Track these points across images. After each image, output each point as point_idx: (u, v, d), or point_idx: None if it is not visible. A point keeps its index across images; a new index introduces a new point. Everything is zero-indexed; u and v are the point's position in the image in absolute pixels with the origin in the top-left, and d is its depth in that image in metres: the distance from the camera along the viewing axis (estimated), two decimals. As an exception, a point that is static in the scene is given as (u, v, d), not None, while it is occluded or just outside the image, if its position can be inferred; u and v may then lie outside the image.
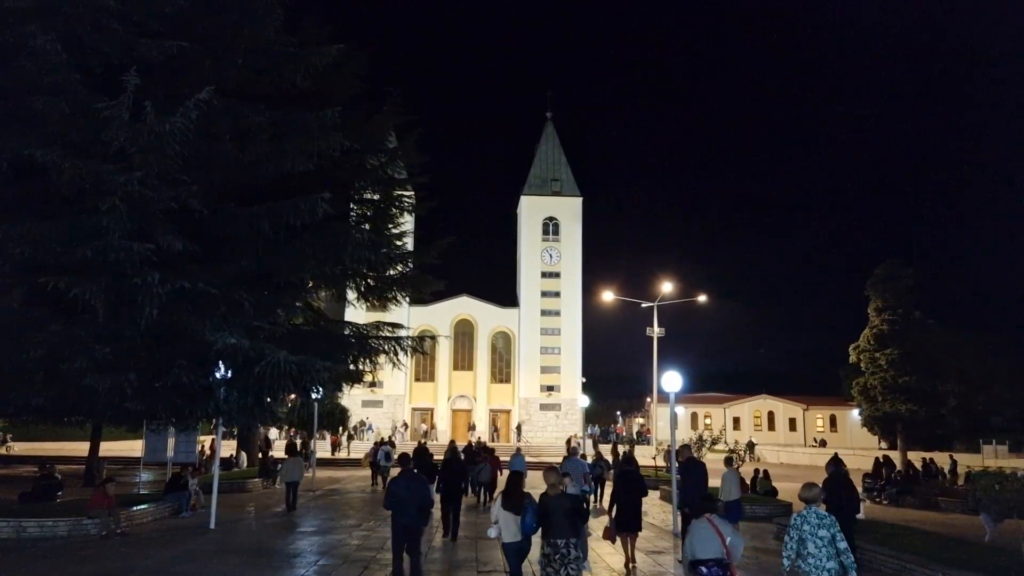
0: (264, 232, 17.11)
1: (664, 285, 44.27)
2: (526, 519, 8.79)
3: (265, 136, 17.31)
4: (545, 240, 61.58)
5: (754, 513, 18.69)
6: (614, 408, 77.62)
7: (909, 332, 41.50)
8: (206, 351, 15.57)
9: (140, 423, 20.32)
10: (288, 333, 18.96)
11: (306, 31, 21.51)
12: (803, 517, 7.48)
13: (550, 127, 64.92)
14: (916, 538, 14.24)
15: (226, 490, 22.20)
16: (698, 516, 8.03)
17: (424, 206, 29.82)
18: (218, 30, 17.51)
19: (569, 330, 60.16)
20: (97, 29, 15.87)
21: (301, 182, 18.05)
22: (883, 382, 41.59)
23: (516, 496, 9.01)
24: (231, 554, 13.41)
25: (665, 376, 17.83)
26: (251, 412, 17.77)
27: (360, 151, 22.47)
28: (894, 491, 27.72)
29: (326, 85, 21.06)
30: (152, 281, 14.54)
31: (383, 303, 28.06)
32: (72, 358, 14.84)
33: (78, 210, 15.31)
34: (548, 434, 56.68)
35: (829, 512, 7.59)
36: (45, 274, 14.72)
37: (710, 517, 7.88)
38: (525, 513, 8.81)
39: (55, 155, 14.71)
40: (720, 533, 7.73)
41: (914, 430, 42.80)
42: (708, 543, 7.71)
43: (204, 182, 16.37)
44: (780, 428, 74.13)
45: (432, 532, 15.32)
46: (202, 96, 14.95)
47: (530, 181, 63.06)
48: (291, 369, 16.05)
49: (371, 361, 24.88)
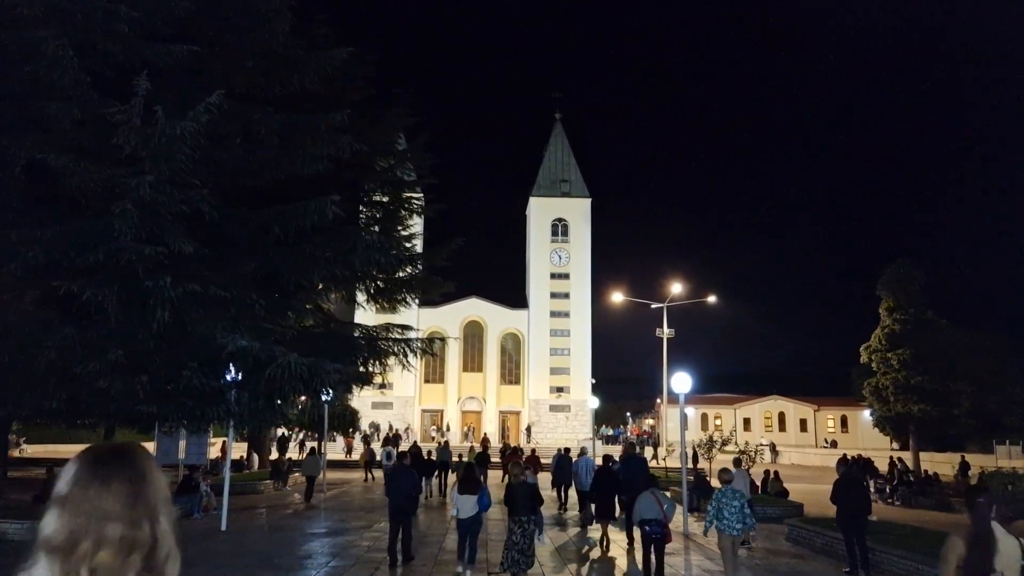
0: (274, 235, 17.19)
1: (674, 286, 44.14)
2: (483, 499, 11.50)
3: (275, 139, 17.40)
4: (554, 241, 61.57)
5: (765, 514, 18.62)
6: (624, 409, 77.51)
7: (921, 332, 41.23)
8: (217, 353, 15.66)
9: (152, 425, 20.42)
10: (298, 335, 19.04)
11: (315, 34, 21.58)
12: (722, 492, 10.58)
13: (559, 128, 64.93)
14: (927, 539, 14.16)
15: (238, 492, 22.28)
16: (643, 491, 11.21)
17: (433, 208, 29.81)
18: (227, 34, 17.60)
19: (578, 331, 60.12)
20: (108, 34, 15.97)
21: (310, 185, 18.12)
22: (895, 382, 41.32)
23: (471, 483, 11.62)
24: (243, 556, 13.48)
25: (675, 377, 17.81)
26: (262, 414, 17.86)
27: (369, 153, 22.52)
28: (907, 492, 27.59)
29: (335, 88, 21.14)
30: (163, 284, 14.62)
31: (392, 305, 28.10)
32: (85, 361, 14.94)
33: (90, 213, 15.42)
34: (558, 435, 56.62)
35: (840, 513, 9.77)
36: (58, 277, 14.82)
37: (653, 491, 11.20)
38: (481, 495, 11.51)
39: (67, 159, 14.82)
40: (659, 502, 10.98)
41: (926, 431, 42.51)
42: (650, 508, 10.94)
43: (214, 185, 16.46)
44: (791, 429, 73.75)
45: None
46: (212, 100, 15.02)
47: (539, 182, 63.09)
48: (301, 371, 16.11)
49: (381, 363, 24.94)
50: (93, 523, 1.45)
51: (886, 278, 42.93)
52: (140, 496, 1.50)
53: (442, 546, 14.56)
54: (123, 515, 1.46)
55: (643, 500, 11.04)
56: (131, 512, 1.47)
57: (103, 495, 1.47)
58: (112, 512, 1.46)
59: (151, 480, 1.54)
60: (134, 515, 1.47)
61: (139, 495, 1.49)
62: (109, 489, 1.47)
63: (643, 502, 11.03)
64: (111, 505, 1.46)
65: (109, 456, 1.55)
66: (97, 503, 1.46)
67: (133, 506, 1.48)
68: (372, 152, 23.13)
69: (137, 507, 1.48)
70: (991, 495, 5.41)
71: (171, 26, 16.72)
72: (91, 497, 1.47)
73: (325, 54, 19.00)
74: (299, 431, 46.21)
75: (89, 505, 1.46)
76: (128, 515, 1.47)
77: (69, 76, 14.93)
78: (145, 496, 1.50)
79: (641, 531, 11.20)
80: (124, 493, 1.48)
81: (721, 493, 10.63)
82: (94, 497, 1.47)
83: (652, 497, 11.00)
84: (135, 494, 1.49)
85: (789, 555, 14.51)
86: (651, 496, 11.03)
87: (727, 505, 10.37)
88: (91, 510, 1.46)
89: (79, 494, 1.48)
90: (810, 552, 14.62)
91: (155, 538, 1.48)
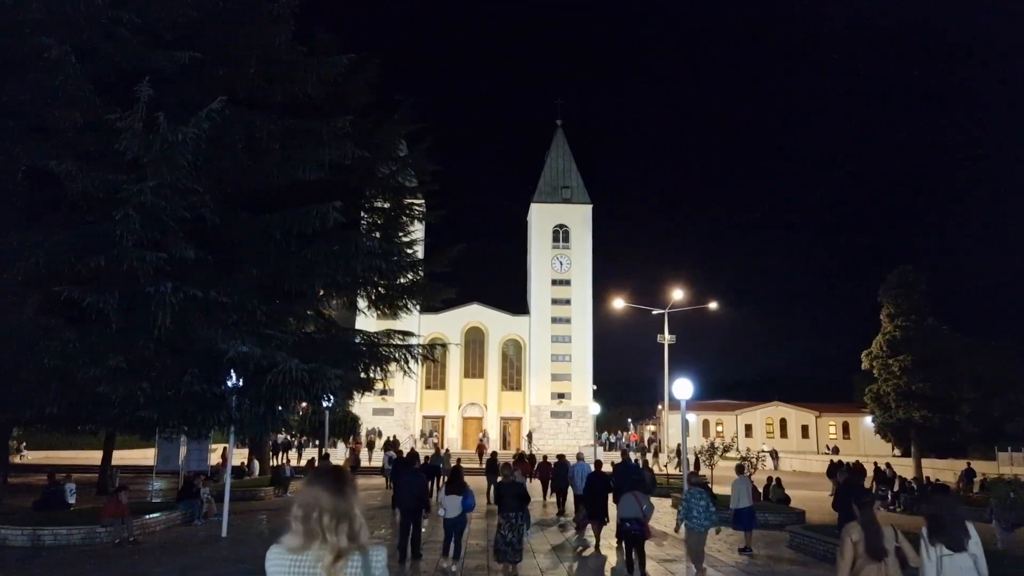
0: (276, 240, 17.20)
1: (675, 292, 44.16)
2: (467, 500, 12.30)
3: (277, 145, 17.41)
4: (555, 247, 61.59)
5: (766, 521, 18.54)
6: (625, 415, 77.47)
7: (923, 338, 41.12)
8: (218, 359, 15.65)
9: (153, 431, 20.40)
10: (299, 341, 19.04)
11: (317, 41, 21.62)
12: (691, 493, 11.94)
13: (560, 135, 65.01)
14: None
15: (238, 498, 22.21)
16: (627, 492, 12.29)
17: (434, 214, 29.83)
18: (230, 40, 17.63)
19: (580, 337, 60.09)
20: (111, 40, 16.01)
21: (312, 191, 18.13)
22: (897, 389, 41.20)
23: (457, 484, 12.47)
24: (243, 562, 13.42)
25: (676, 383, 17.76)
26: (263, 420, 17.85)
27: (371, 160, 22.55)
28: (909, 499, 27.52)
29: (337, 94, 21.16)
30: (165, 290, 14.62)
31: (394, 311, 28.11)
32: (86, 366, 14.93)
33: (91, 219, 15.44)
34: (559, 442, 56.48)
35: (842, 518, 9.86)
36: (59, 283, 14.82)
37: (634, 493, 12.18)
38: (466, 496, 12.30)
39: (69, 165, 14.83)
40: (639, 502, 11.94)
41: (928, 437, 42.38)
42: (631, 508, 11.91)
43: (216, 191, 16.48)
44: (792, 435, 73.65)
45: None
46: (214, 106, 15.04)
47: (540, 188, 63.13)
48: (302, 377, 16.10)
49: (382, 369, 24.92)
50: (315, 503, 2.81)
51: (888, 284, 42.85)
52: (341, 492, 2.85)
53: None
54: (331, 500, 2.82)
55: (624, 500, 12.16)
56: (336, 500, 2.82)
57: (318, 490, 2.85)
58: (324, 498, 2.82)
59: (347, 484, 2.92)
60: (338, 502, 2.82)
61: (340, 492, 2.85)
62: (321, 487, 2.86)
63: (624, 502, 12.14)
64: (322, 495, 2.83)
65: (322, 470, 3.03)
66: (315, 493, 2.84)
67: (338, 496, 2.84)
68: (374, 158, 23.15)
69: (338, 498, 2.83)
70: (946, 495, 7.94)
71: (174, 32, 16.76)
72: (312, 491, 2.85)
73: (327, 60, 19.04)
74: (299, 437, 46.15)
75: (311, 494, 2.84)
76: (333, 501, 2.82)
77: (72, 82, 14.96)
78: (344, 493, 2.86)
79: (622, 528, 12.27)
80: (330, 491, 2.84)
81: (690, 494, 11.98)
82: (314, 491, 2.84)
83: (632, 498, 12.07)
84: (338, 491, 2.85)
85: (791, 562, 14.45)
86: (632, 497, 12.08)
87: (696, 505, 11.61)
88: (312, 497, 2.84)
89: (305, 490, 2.89)
90: (812, 559, 14.55)
91: (352, 515, 2.84)
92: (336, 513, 2.79)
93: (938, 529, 6.11)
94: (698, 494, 11.81)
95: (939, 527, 6.11)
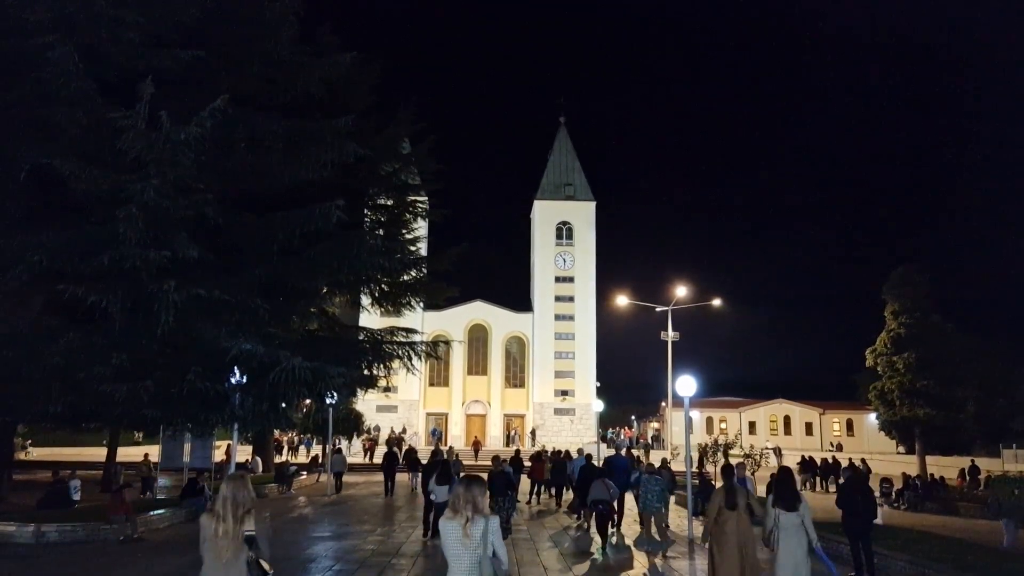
0: (279, 239, 17.23)
1: (678, 289, 44.19)
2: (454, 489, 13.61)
3: (280, 144, 17.44)
4: (559, 245, 61.56)
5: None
6: (628, 412, 77.36)
7: (927, 336, 41.06)
8: (221, 358, 15.69)
9: (157, 429, 20.49)
10: (303, 339, 19.12)
11: (320, 41, 21.67)
12: (647, 479, 14.82)
13: (563, 132, 64.95)
14: (933, 543, 14.11)
15: (242, 496, 22.23)
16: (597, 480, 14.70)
17: (437, 212, 29.86)
18: (233, 40, 17.67)
19: (583, 335, 60.07)
20: (114, 40, 16.05)
21: (315, 190, 18.17)
22: (900, 386, 41.15)
23: (446, 476, 14.42)
24: (247, 560, 13.46)
25: (680, 380, 17.74)
26: (266, 418, 17.89)
27: (374, 158, 22.60)
28: (913, 497, 27.50)
29: (340, 93, 21.20)
30: (168, 289, 14.67)
31: (397, 308, 28.16)
32: (89, 366, 14.99)
33: (95, 219, 15.49)
34: (562, 439, 56.43)
35: (845, 516, 11.94)
36: (63, 282, 14.87)
37: (604, 480, 14.56)
38: (452, 485, 14.03)
39: (72, 164, 14.88)
40: (607, 488, 14.37)
41: (932, 435, 42.33)
42: (600, 492, 14.28)
43: (219, 190, 16.51)
44: (796, 433, 73.54)
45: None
46: (217, 105, 15.07)
47: (543, 186, 63.07)
48: (306, 375, 16.15)
49: (385, 366, 24.97)
50: (457, 494, 5.73)
51: (891, 282, 42.79)
52: (470, 485, 5.78)
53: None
54: (466, 491, 5.69)
55: (595, 486, 14.54)
56: (468, 490, 5.70)
57: (460, 486, 5.83)
58: (461, 489, 5.74)
59: (475, 482, 5.88)
60: (468, 492, 5.68)
61: (470, 485, 5.80)
62: (461, 485, 5.84)
63: (595, 487, 14.51)
64: (460, 488, 5.79)
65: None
66: (460, 488, 5.79)
67: (469, 488, 5.73)
68: (377, 157, 23.21)
69: (469, 489, 5.72)
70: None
71: (177, 32, 16.80)
72: (459, 487, 5.85)
73: (330, 60, 19.07)
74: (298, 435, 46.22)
75: (457, 490, 5.80)
76: (467, 491, 5.69)
77: (75, 82, 15.01)
78: (473, 486, 5.78)
79: (595, 508, 14.55)
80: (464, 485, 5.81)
81: (646, 480, 14.85)
82: (460, 487, 5.82)
83: (602, 483, 14.48)
84: (470, 485, 5.79)
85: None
86: (601, 483, 14.49)
87: (651, 490, 14.44)
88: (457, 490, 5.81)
89: (456, 488, 5.86)
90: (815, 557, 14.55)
91: (477, 499, 5.70)
92: (469, 498, 5.62)
93: (779, 496, 8.99)
94: (652, 481, 14.60)
95: (779, 495, 9.00)
